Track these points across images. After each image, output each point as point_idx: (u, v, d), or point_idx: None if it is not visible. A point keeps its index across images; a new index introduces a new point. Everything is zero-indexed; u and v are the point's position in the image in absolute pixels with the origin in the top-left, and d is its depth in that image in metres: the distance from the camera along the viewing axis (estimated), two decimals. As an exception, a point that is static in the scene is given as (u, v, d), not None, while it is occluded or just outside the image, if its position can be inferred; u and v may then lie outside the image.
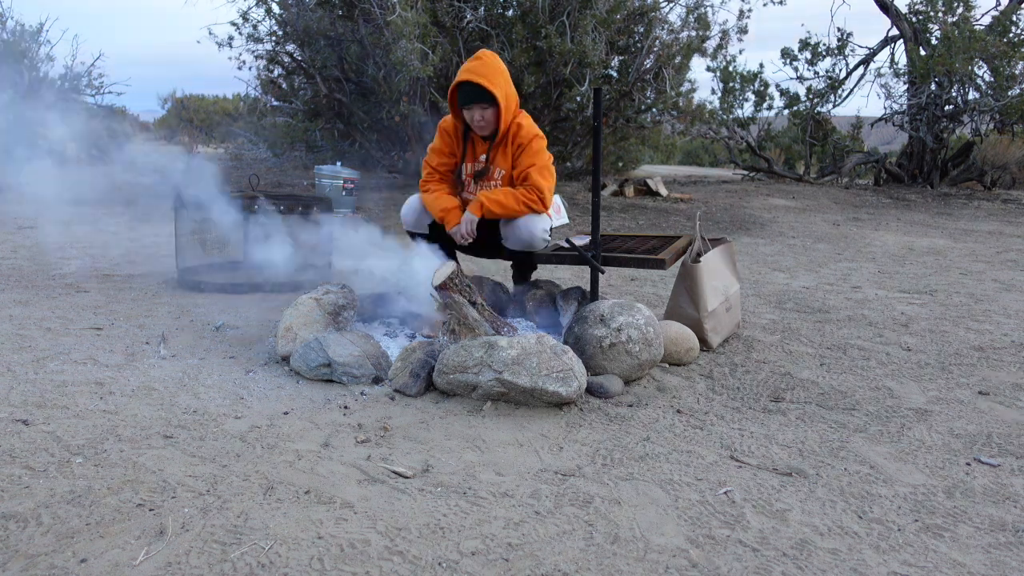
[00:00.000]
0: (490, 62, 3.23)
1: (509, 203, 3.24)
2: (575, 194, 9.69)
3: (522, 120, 3.30)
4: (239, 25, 9.74)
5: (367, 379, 2.80)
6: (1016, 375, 3.18)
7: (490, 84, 3.14)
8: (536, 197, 3.25)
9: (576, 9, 7.96)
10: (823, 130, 13.57)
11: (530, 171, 3.25)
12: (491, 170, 3.35)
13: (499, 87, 3.17)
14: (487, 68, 3.19)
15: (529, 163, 3.26)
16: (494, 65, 3.23)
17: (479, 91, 3.16)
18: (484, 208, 3.22)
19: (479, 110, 3.21)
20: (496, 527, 1.81)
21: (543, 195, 3.26)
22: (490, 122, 3.24)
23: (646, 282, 5.04)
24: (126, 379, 2.76)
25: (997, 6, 12.75)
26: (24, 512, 1.80)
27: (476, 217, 3.24)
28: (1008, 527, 1.90)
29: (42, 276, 4.52)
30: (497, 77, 3.19)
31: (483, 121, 3.23)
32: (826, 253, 6.57)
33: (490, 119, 3.23)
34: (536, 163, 3.26)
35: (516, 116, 3.31)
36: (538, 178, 3.24)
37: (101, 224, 6.77)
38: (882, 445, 2.40)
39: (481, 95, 3.17)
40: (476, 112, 3.21)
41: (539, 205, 3.27)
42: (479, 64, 3.21)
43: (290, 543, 1.71)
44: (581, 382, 2.63)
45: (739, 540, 1.80)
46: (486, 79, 3.14)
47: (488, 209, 3.23)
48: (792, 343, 3.58)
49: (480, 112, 3.21)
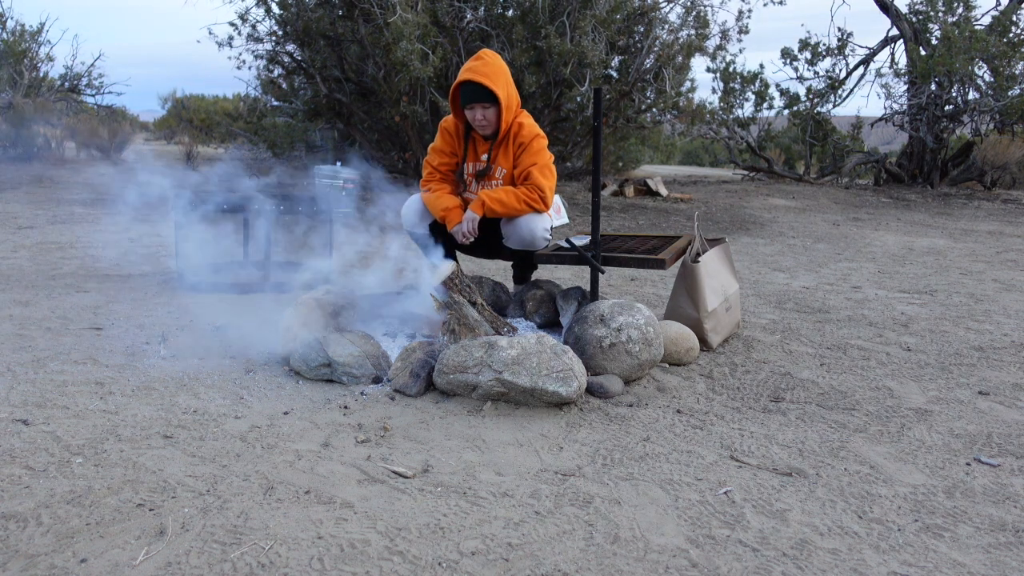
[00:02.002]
0: (492, 61, 3.24)
1: (511, 202, 3.25)
2: (575, 194, 9.69)
3: (523, 119, 3.31)
4: (239, 25, 9.74)
5: (367, 379, 2.80)
6: (1016, 375, 3.18)
7: (492, 83, 3.14)
8: (537, 196, 3.26)
9: (576, 9, 7.96)
10: (823, 130, 13.57)
11: (531, 170, 3.25)
12: (492, 169, 3.35)
13: (500, 87, 3.18)
14: (489, 68, 3.20)
15: (530, 162, 3.26)
16: (496, 64, 3.24)
17: (481, 90, 3.17)
18: (486, 207, 3.23)
19: (481, 109, 3.21)
20: (496, 527, 1.81)
21: (544, 194, 3.27)
22: (492, 121, 3.25)
23: (646, 282, 5.04)
24: (126, 379, 2.76)
25: (997, 6, 12.76)
26: (24, 512, 1.80)
27: (478, 216, 3.24)
28: (1008, 527, 1.90)
29: (42, 276, 4.52)
30: (499, 77, 3.19)
31: (484, 120, 3.24)
32: (826, 253, 6.57)
33: (491, 118, 3.24)
34: (537, 162, 3.26)
35: (517, 115, 3.31)
36: (539, 177, 3.25)
37: (101, 224, 6.77)
38: (882, 445, 2.40)
39: (483, 94, 3.18)
40: (478, 111, 3.22)
41: (540, 204, 3.28)
42: (481, 64, 3.21)
43: (290, 543, 1.71)
44: (581, 382, 2.62)
45: (739, 540, 1.80)
46: (488, 78, 3.15)
47: (490, 208, 3.23)
48: (792, 343, 3.58)
49: (482, 111, 3.22)
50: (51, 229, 6.37)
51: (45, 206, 7.81)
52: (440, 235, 3.42)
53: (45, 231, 6.26)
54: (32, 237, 5.94)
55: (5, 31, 13.65)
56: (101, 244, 5.75)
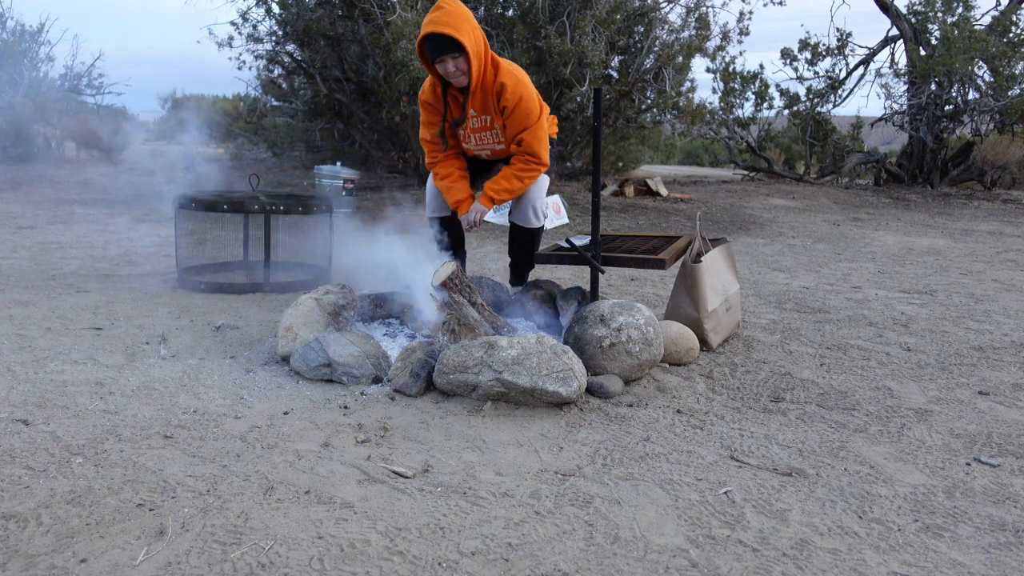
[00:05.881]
0: (452, 9, 3.12)
1: (514, 186, 3.35)
2: (575, 194, 9.69)
3: (505, 80, 3.20)
4: (239, 25, 9.74)
5: (367, 379, 2.80)
6: (1016, 375, 3.18)
7: (456, 32, 3.04)
8: (533, 164, 3.33)
9: (576, 9, 7.96)
10: (823, 130, 13.57)
11: (523, 136, 3.28)
12: (483, 120, 3.35)
13: (465, 34, 3.07)
14: (450, 16, 3.08)
15: (521, 126, 3.26)
16: (457, 11, 3.12)
17: (446, 41, 3.07)
18: (494, 201, 3.37)
19: (451, 61, 3.11)
20: (496, 527, 1.81)
21: (539, 157, 3.33)
22: (464, 71, 3.15)
23: (646, 282, 5.03)
24: (126, 379, 2.76)
25: (997, 6, 12.76)
26: (24, 512, 1.80)
27: (487, 208, 3.37)
28: (1008, 527, 1.90)
29: (42, 276, 4.52)
30: (462, 23, 3.08)
31: (457, 71, 3.15)
32: (826, 253, 6.57)
33: (464, 67, 3.14)
34: (527, 125, 3.25)
35: (498, 74, 3.22)
36: (532, 141, 3.28)
37: (101, 224, 6.77)
38: (882, 445, 2.40)
39: (449, 45, 3.07)
40: (449, 64, 3.12)
41: (537, 170, 3.35)
42: (441, 14, 3.10)
43: (290, 543, 1.71)
44: (581, 382, 2.62)
45: (739, 540, 1.80)
46: (451, 28, 3.04)
47: (499, 199, 3.37)
48: (792, 343, 3.58)
49: (453, 63, 3.12)
50: (51, 229, 6.36)
51: (45, 206, 7.81)
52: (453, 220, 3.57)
53: (45, 231, 6.26)
54: (32, 237, 5.93)
55: (5, 31, 13.65)
56: (101, 244, 5.75)
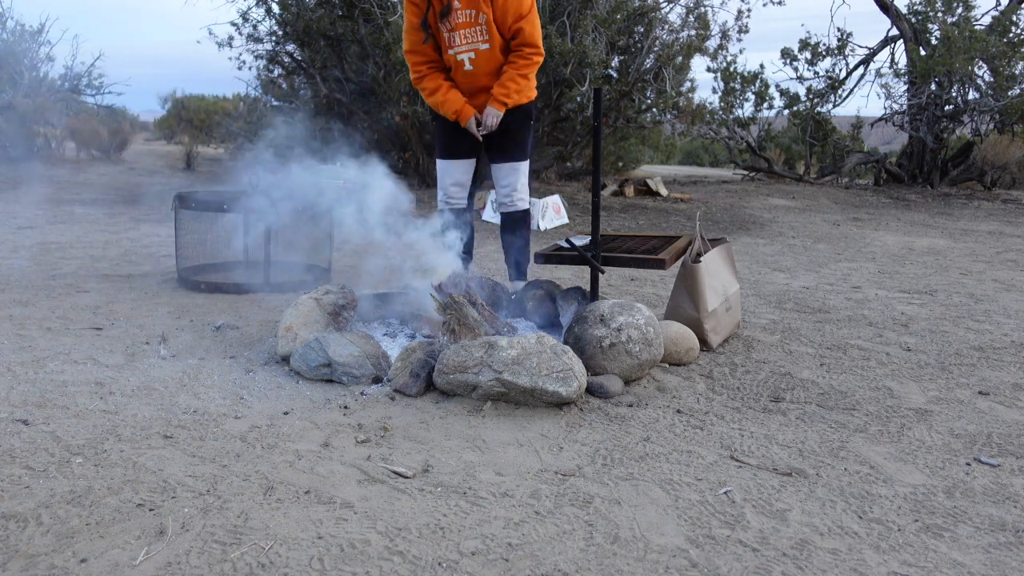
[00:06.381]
0: None
1: (520, 85, 3.39)
2: (575, 194, 9.69)
3: None
4: (239, 25, 9.75)
5: (367, 379, 2.80)
6: (1016, 375, 3.18)
7: None
8: (532, 56, 3.37)
9: (576, 9, 7.96)
10: (823, 130, 13.56)
11: (522, 25, 3.31)
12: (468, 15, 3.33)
13: None
14: None
15: (515, 16, 3.29)
16: None
17: None
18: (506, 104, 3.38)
19: None
20: (496, 527, 1.81)
21: (537, 47, 3.37)
22: None
23: (646, 282, 5.03)
24: (126, 379, 2.76)
25: (997, 6, 12.75)
26: (24, 512, 1.80)
27: (501, 112, 3.40)
28: (1008, 527, 1.90)
29: (42, 276, 4.52)
30: None
31: None
32: (826, 253, 6.57)
33: None
34: (522, 13, 3.31)
35: None
36: (531, 30, 3.34)
37: (101, 224, 6.77)
38: (882, 445, 2.40)
39: None
40: None
41: (536, 61, 3.39)
42: None
43: (290, 543, 1.71)
44: (581, 382, 2.63)
45: (739, 540, 1.80)
46: None
47: (513, 100, 3.39)
48: (792, 343, 3.58)
49: None
50: (51, 229, 6.36)
51: (45, 206, 7.81)
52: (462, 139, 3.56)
53: (45, 231, 6.26)
54: (32, 237, 5.93)
55: (5, 31, 13.65)
56: (101, 244, 5.75)
